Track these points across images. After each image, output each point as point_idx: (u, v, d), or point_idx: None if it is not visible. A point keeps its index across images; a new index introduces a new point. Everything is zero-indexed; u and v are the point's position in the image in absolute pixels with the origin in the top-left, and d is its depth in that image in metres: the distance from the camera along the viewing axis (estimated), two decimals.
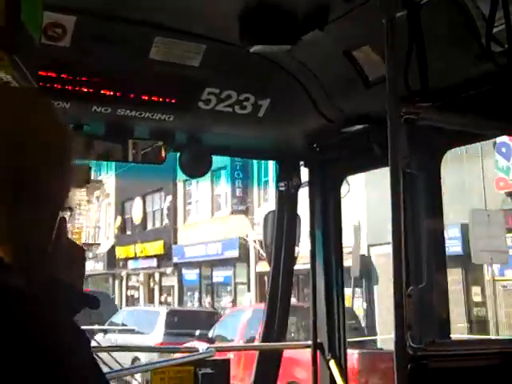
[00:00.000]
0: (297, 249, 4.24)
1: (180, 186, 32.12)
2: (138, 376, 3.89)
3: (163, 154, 3.65)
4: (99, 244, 39.79)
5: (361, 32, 2.89)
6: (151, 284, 35.23)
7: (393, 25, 2.34)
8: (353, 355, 10.26)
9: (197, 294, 31.51)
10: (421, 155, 2.96)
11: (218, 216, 29.73)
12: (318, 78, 3.37)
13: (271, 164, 18.52)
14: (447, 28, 2.72)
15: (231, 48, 3.06)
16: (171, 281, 33.06)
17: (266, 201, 25.93)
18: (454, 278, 16.51)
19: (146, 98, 3.28)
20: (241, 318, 15.14)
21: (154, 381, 3.67)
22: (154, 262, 33.62)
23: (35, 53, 1.80)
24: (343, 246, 4.16)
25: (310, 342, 4.11)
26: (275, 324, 4.32)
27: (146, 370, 3.83)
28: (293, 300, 11.22)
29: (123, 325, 19.33)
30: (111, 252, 38.12)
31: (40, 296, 0.97)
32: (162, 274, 33.81)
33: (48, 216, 1.04)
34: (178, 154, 3.75)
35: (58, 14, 2.76)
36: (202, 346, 4.04)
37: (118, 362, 7.93)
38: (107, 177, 37.99)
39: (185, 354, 4.08)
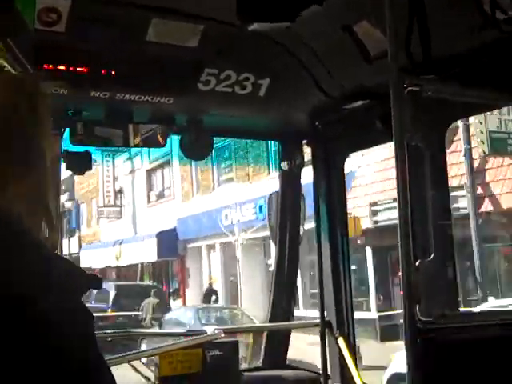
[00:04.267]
0: (301, 228, 4.23)
1: None
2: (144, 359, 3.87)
3: (163, 137, 3.63)
4: None
5: (360, 5, 2.85)
6: None
7: None
8: None
9: None
10: (425, 128, 2.93)
11: None
12: (318, 55, 3.33)
13: None
14: None
15: (229, 27, 3.02)
16: None
17: None
18: None
19: (144, 81, 3.24)
20: None
21: (163, 365, 3.66)
22: None
23: (29, 37, 1.78)
24: None
25: (318, 321, 4.11)
26: (282, 304, 4.32)
27: (153, 354, 3.82)
28: None
29: None
30: None
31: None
32: None
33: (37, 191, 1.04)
34: (179, 137, 3.72)
35: None
36: (209, 329, 4.03)
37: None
38: None
39: (192, 337, 4.08)
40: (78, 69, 3.07)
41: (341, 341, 3.97)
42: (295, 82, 3.52)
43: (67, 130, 3.42)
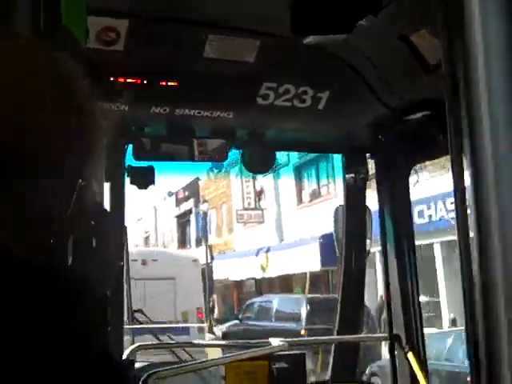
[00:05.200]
0: (368, 241, 4.16)
1: None
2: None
3: (225, 151, 3.64)
4: None
5: (417, 14, 2.77)
6: None
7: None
8: None
9: None
10: None
11: None
12: (376, 66, 3.26)
13: None
14: None
15: (285, 41, 3.01)
16: None
17: None
18: None
19: (203, 96, 3.28)
20: None
21: (229, 375, 3.64)
22: None
23: (82, 56, 1.81)
24: None
25: (386, 334, 4.04)
26: (350, 316, 4.26)
27: (219, 363, 3.83)
28: None
29: None
30: None
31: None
32: None
33: (62, 183, 0.90)
34: (241, 152, 3.74)
35: (110, 19, 2.79)
36: (275, 341, 4.01)
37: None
38: None
39: (257, 349, 4.06)
40: (137, 85, 3.14)
41: (410, 356, 3.88)
42: (354, 94, 3.46)
43: (130, 145, 3.49)
